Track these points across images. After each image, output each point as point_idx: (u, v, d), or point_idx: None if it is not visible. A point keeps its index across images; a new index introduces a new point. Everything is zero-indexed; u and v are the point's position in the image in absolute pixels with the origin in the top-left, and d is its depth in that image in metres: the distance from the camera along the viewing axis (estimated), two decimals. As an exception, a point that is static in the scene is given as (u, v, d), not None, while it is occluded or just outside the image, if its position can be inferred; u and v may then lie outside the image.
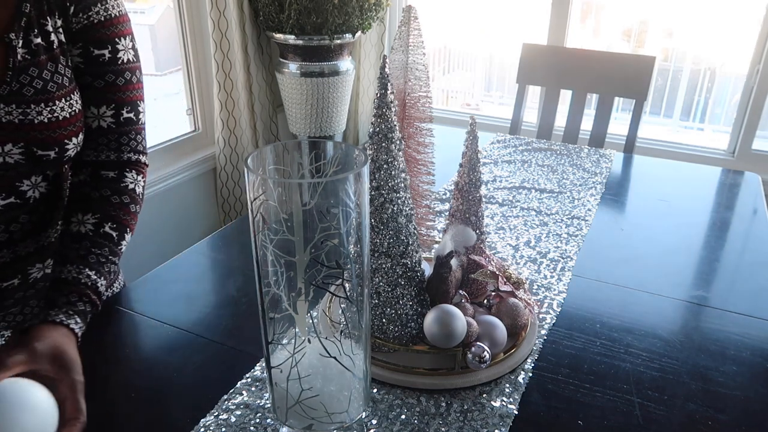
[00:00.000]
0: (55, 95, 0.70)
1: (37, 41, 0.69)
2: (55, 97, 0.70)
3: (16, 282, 0.78)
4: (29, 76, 0.68)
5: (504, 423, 0.69)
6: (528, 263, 1.04)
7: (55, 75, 0.71)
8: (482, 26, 3.70)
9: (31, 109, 0.68)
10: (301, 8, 2.08)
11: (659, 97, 3.42)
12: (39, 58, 0.69)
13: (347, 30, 2.20)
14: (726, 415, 0.71)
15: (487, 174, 1.43)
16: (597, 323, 0.88)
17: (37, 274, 0.81)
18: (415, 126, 0.87)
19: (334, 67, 2.28)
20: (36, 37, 0.69)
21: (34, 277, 0.81)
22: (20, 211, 0.73)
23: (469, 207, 0.85)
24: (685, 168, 1.54)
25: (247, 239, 1.13)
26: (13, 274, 0.77)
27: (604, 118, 1.77)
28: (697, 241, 1.14)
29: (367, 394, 0.63)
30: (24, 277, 0.79)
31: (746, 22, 2.86)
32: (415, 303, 0.78)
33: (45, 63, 0.70)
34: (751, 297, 0.95)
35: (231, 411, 0.70)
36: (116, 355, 0.81)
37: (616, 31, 3.55)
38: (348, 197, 0.54)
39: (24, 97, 0.68)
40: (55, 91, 0.71)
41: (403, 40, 0.84)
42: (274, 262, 0.56)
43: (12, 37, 0.67)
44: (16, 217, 0.73)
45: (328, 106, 2.35)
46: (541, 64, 1.84)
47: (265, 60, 2.40)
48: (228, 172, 2.36)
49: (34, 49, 0.69)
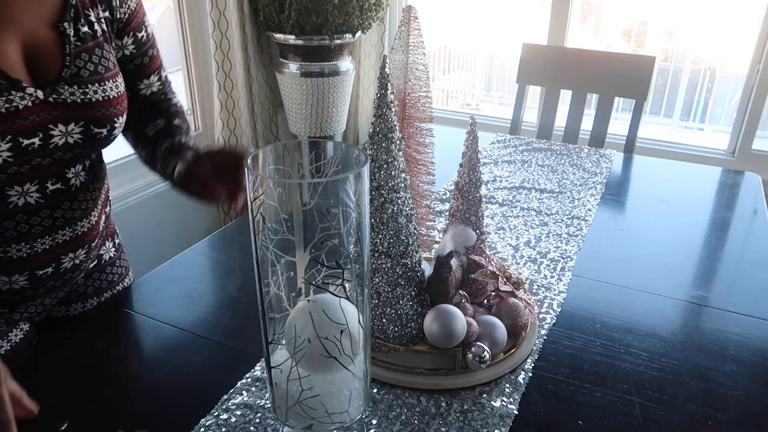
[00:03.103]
0: (105, 76, 0.79)
1: (84, 29, 0.78)
2: (105, 78, 0.79)
3: (50, 270, 0.82)
4: (83, 60, 0.77)
5: (504, 423, 0.69)
6: (528, 263, 1.04)
7: (102, 59, 0.80)
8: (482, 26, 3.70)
9: (88, 89, 0.77)
10: (301, 8, 2.08)
11: (659, 97, 3.42)
12: (87, 44, 0.78)
13: (347, 30, 2.20)
14: (726, 415, 0.71)
15: (487, 174, 1.43)
16: (597, 323, 0.88)
17: (67, 264, 0.84)
18: (415, 126, 0.87)
19: (334, 67, 2.28)
20: (83, 26, 0.78)
21: (65, 266, 0.84)
22: (64, 198, 0.80)
23: (469, 207, 0.85)
24: (685, 168, 1.54)
25: (247, 239, 1.13)
26: (49, 262, 0.81)
27: (604, 118, 1.77)
28: (697, 241, 1.14)
29: (367, 394, 0.63)
30: (57, 266, 0.83)
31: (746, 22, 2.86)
32: (415, 303, 0.78)
33: (93, 48, 0.79)
34: (751, 297, 0.95)
35: (231, 411, 0.70)
36: (116, 355, 0.81)
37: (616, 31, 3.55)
38: (348, 197, 0.54)
39: (82, 78, 0.76)
40: (104, 72, 0.80)
41: (403, 40, 0.84)
42: (274, 262, 0.56)
43: (65, 26, 0.75)
44: (61, 203, 0.79)
45: (328, 106, 2.35)
46: (541, 64, 1.84)
47: (265, 60, 2.40)
48: (228, 172, 2.35)
49: (82, 36, 0.77)
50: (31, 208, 0.76)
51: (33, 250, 0.78)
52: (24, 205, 0.75)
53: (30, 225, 0.77)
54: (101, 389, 0.74)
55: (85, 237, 0.85)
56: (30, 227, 0.77)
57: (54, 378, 0.75)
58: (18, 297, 0.81)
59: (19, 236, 0.76)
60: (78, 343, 0.82)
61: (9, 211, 0.74)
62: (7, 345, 0.84)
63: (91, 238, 0.87)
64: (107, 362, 0.79)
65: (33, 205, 0.76)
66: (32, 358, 0.80)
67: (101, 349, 0.82)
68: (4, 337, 0.84)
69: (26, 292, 0.81)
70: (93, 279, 0.96)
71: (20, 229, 0.76)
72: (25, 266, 0.79)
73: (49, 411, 0.70)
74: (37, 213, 0.77)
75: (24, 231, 0.76)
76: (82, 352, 0.81)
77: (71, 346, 0.82)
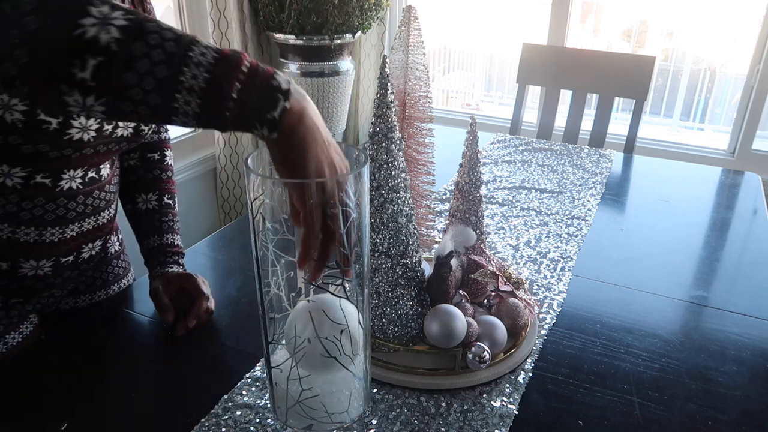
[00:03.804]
0: None
1: None
2: None
3: (71, 259, 0.84)
4: None
5: (504, 423, 0.69)
6: (528, 263, 1.04)
7: None
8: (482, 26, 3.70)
9: None
10: (301, 8, 2.08)
11: (659, 97, 3.41)
12: None
13: (347, 30, 2.20)
14: (726, 415, 0.71)
15: (487, 174, 1.43)
16: (597, 323, 0.88)
17: (86, 254, 0.87)
18: (415, 126, 0.87)
19: (334, 67, 2.27)
20: None
21: (83, 257, 0.87)
22: (96, 187, 0.83)
23: (469, 207, 0.85)
24: (685, 168, 1.54)
25: (247, 239, 1.13)
26: (72, 250, 0.84)
27: (604, 118, 1.77)
28: (697, 241, 1.14)
29: (367, 394, 0.63)
30: (77, 255, 0.85)
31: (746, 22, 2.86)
32: (415, 303, 0.78)
33: None
34: (751, 297, 0.95)
35: (231, 411, 0.70)
36: (117, 355, 0.81)
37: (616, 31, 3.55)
38: (348, 197, 0.54)
39: None
40: None
41: (403, 40, 0.84)
42: (274, 262, 0.56)
43: None
44: (92, 191, 0.82)
45: (328, 106, 2.35)
46: (541, 64, 1.84)
47: (265, 60, 2.40)
48: (228, 172, 2.36)
49: None
50: (72, 193, 0.79)
51: (64, 235, 0.81)
52: (68, 189, 0.78)
53: (66, 210, 0.79)
54: (101, 389, 0.74)
55: (104, 228, 0.88)
56: (66, 212, 0.80)
57: (54, 378, 0.75)
58: (39, 285, 0.83)
59: (56, 220, 0.79)
60: (78, 343, 0.82)
61: (55, 194, 0.77)
62: (18, 337, 0.85)
63: (108, 230, 0.90)
64: (107, 362, 0.79)
65: (74, 191, 0.79)
66: (40, 354, 0.80)
67: (101, 349, 0.82)
68: (16, 329, 0.85)
69: (47, 280, 0.83)
70: (101, 271, 0.98)
71: (59, 212, 0.79)
72: (53, 252, 0.81)
73: (49, 411, 0.70)
74: (74, 198, 0.80)
75: (61, 215, 0.79)
76: (82, 352, 0.81)
77: (71, 346, 0.82)
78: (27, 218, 0.76)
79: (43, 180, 0.74)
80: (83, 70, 0.46)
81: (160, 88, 0.47)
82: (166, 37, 0.48)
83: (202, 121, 0.50)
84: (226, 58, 0.49)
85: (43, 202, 0.76)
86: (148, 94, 0.47)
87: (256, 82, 0.49)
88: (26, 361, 0.79)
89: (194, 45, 0.48)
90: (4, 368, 0.77)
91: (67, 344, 0.82)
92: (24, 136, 0.68)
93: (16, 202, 0.74)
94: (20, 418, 0.69)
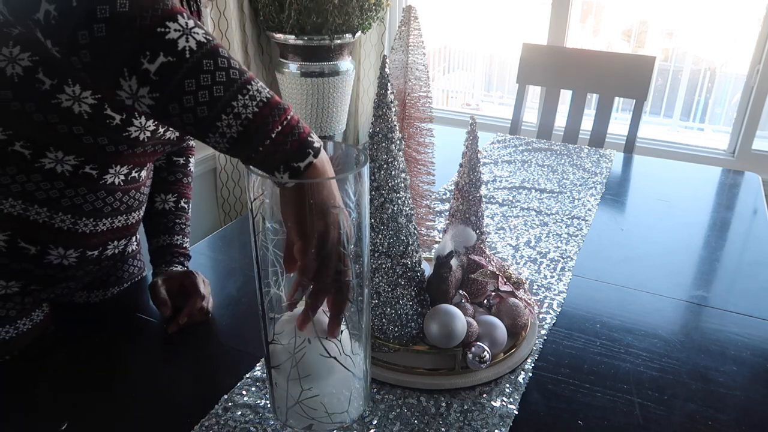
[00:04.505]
0: None
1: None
2: None
3: (96, 253, 0.86)
4: None
5: (504, 423, 0.69)
6: (528, 263, 1.04)
7: None
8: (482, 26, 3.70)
9: None
10: (301, 8, 2.08)
11: (659, 97, 3.41)
12: None
13: (347, 30, 2.20)
14: (726, 415, 0.71)
15: (487, 174, 1.43)
16: (597, 323, 0.88)
17: (110, 251, 0.88)
18: (415, 126, 0.87)
19: (334, 67, 2.27)
20: None
21: (107, 253, 0.88)
22: (134, 186, 0.85)
23: (469, 207, 0.85)
24: (685, 168, 1.54)
25: (247, 239, 1.13)
26: (99, 245, 0.85)
27: (604, 118, 1.77)
28: (697, 241, 1.14)
29: (367, 394, 0.63)
30: (102, 250, 0.87)
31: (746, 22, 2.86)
32: (415, 303, 0.78)
33: None
34: (751, 297, 0.95)
35: (231, 411, 0.70)
36: (116, 355, 0.81)
37: (616, 31, 3.55)
38: (348, 197, 0.54)
39: None
40: None
41: (403, 40, 0.84)
42: (274, 262, 0.56)
43: None
44: (130, 190, 0.84)
45: (328, 106, 2.35)
46: (541, 64, 1.84)
47: (265, 60, 2.40)
48: (228, 172, 2.36)
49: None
50: (113, 188, 0.81)
51: (96, 228, 0.82)
52: (110, 184, 0.80)
53: (104, 203, 0.81)
54: (101, 389, 0.74)
55: (132, 228, 0.90)
56: (103, 205, 0.81)
57: (54, 378, 0.75)
58: (62, 275, 0.84)
59: (92, 211, 0.81)
60: (78, 344, 0.82)
61: (98, 187, 0.79)
62: (29, 324, 0.86)
63: (133, 231, 0.91)
64: (107, 362, 0.79)
65: (114, 186, 0.81)
66: (49, 345, 0.80)
67: (101, 349, 0.82)
68: (28, 316, 0.85)
69: (70, 271, 0.84)
70: (116, 269, 0.99)
71: (96, 204, 0.80)
72: (81, 242, 0.82)
73: (49, 411, 0.70)
74: (113, 194, 0.82)
75: (98, 207, 0.81)
76: (83, 352, 0.81)
77: (72, 346, 0.82)
78: (67, 205, 0.77)
79: (91, 171, 0.77)
80: (151, 63, 0.50)
81: (212, 104, 0.51)
82: (233, 65, 0.53)
83: (234, 147, 0.53)
84: (277, 102, 0.54)
85: (85, 192, 0.78)
86: (199, 105, 0.51)
87: (294, 132, 0.53)
88: (26, 361, 0.79)
89: (253, 81, 0.53)
90: (6, 368, 0.77)
91: (69, 343, 0.82)
92: (88, 128, 0.71)
93: (60, 188, 0.76)
94: (20, 418, 0.69)
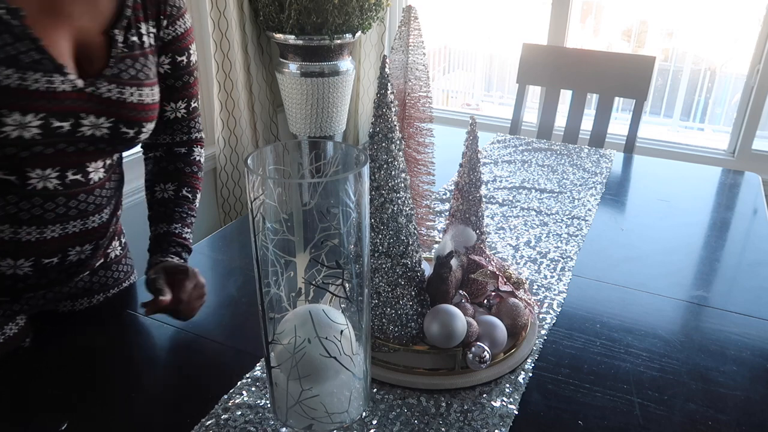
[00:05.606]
0: (144, 83, 0.85)
1: (133, 39, 0.85)
2: (144, 85, 0.85)
3: (55, 261, 0.84)
4: (125, 65, 0.83)
5: (504, 423, 0.69)
6: (528, 263, 1.04)
7: (144, 68, 0.85)
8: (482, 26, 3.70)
9: (125, 89, 0.82)
10: (301, 8, 2.08)
11: (659, 97, 3.41)
12: (134, 52, 0.85)
13: (347, 30, 2.20)
14: (726, 415, 0.71)
15: (487, 174, 1.43)
16: (597, 323, 0.88)
17: (73, 257, 0.86)
18: (415, 126, 0.87)
19: (334, 67, 2.27)
20: (132, 35, 0.84)
21: (71, 260, 0.86)
22: (81, 190, 0.83)
23: (469, 207, 0.85)
24: (685, 168, 1.54)
25: (247, 239, 1.13)
26: (56, 252, 0.83)
27: (604, 118, 1.77)
28: (697, 241, 1.14)
29: (367, 394, 0.63)
30: (63, 257, 0.85)
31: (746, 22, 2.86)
32: (415, 303, 0.78)
33: (138, 57, 0.85)
34: (751, 297, 0.95)
35: (231, 411, 0.70)
36: (117, 354, 0.81)
37: (616, 31, 3.55)
38: (348, 197, 0.54)
39: (121, 79, 0.82)
40: (144, 79, 0.85)
41: (403, 40, 0.84)
42: (274, 262, 0.56)
43: (116, 32, 0.82)
44: (77, 194, 0.82)
45: (328, 106, 2.35)
46: (541, 64, 1.84)
47: (265, 60, 2.40)
48: (228, 172, 2.36)
49: (130, 44, 0.84)
50: (48, 193, 0.79)
51: (42, 235, 0.81)
52: (42, 189, 0.78)
53: (44, 210, 0.80)
54: (102, 389, 0.74)
55: (95, 232, 0.87)
56: (43, 212, 0.80)
57: (54, 378, 0.75)
58: (21, 285, 0.83)
59: (32, 219, 0.79)
60: (78, 343, 0.82)
61: (27, 193, 0.78)
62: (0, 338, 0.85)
63: (99, 235, 0.89)
64: (107, 362, 0.79)
65: (51, 191, 0.79)
66: (28, 359, 0.80)
67: (101, 349, 0.82)
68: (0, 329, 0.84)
69: (29, 280, 0.83)
70: (99, 276, 0.97)
71: (34, 212, 0.79)
72: (32, 251, 0.81)
73: (49, 411, 0.70)
74: (53, 199, 0.80)
75: (37, 214, 0.79)
76: (83, 352, 0.81)
77: (72, 346, 0.82)
78: (1, 215, 0.77)
79: (8, 177, 0.76)
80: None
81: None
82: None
83: None
84: None
85: (17, 200, 0.77)
86: None
87: None
88: (26, 362, 0.79)
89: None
90: (5, 367, 0.77)
91: (66, 344, 0.82)
92: None
93: None
94: (20, 418, 0.69)
